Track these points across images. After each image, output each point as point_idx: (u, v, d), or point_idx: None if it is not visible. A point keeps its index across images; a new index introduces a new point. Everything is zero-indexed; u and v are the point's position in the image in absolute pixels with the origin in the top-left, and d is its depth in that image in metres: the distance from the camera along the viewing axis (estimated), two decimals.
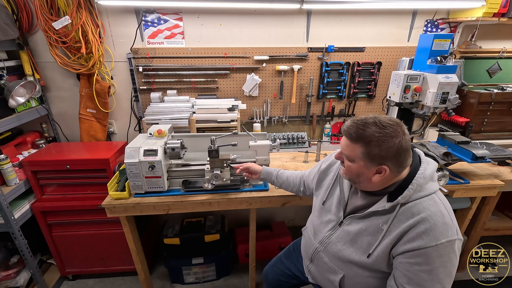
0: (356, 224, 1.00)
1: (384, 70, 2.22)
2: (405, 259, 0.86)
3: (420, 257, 0.83)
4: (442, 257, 0.82)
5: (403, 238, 0.86)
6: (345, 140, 0.92)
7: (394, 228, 0.88)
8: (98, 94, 1.99)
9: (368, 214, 0.96)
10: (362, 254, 0.96)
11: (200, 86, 2.13)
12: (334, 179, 1.14)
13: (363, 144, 0.87)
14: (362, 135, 0.86)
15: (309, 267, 1.21)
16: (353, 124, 0.89)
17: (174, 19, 1.95)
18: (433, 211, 0.85)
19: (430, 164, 0.95)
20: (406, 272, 0.87)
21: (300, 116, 2.33)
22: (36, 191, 1.81)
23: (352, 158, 0.91)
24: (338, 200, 1.09)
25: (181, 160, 1.59)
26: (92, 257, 2.00)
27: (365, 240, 0.96)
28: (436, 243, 0.82)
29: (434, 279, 0.83)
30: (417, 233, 0.84)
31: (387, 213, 0.91)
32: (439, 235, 0.82)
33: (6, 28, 1.65)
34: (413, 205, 0.87)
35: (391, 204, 0.89)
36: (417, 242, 0.83)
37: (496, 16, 1.91)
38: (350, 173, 0.95)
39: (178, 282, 2.10)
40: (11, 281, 1.87)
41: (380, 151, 0.85)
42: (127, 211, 1.51)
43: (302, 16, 2.03)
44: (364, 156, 0.88)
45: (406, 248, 0.85)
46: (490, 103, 2.08)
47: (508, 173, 1.78)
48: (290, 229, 2.36)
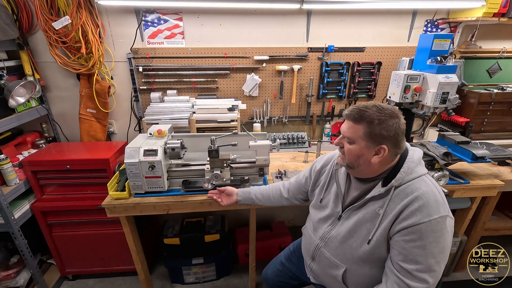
0: (355, 215, 1.04)
1: (384, 70, 2.22)
2: (400, 237, 0.91)
3: (415, 234, 0.88)
4: (435, 233, 0.87)
5: (398, 218, 0.92)
6: (347, 123, 0.97)
7: (390, 210, 0.94)
8: (98, 94, 1.99)
9: (365, 201, 1.01)
10: (362, 242, 1.00)
11: (200, 86, 2.13)
12: (330, 176, 1.18)
13: (365, 124, 0.92)
14: (365, 115, 0.92)
15: (311, 266, 1.22)
16: (355, 108, 0.96)
17: (174, 19, 1.95)
18: (425, 190, 0.91)
19: (416, 151, 1.02)
20: (401, 250, 0.91)
21: (300, 116, 2.33)
22: (36, 191, 1.81)
23: (354, 139, 0.95)
24: (335, 196, 1.13)
25: (181, 160, 1.59)
26: (92, 257, 2.00)
27: (364, 228, 1.00)
28: (429, 219, 0.87)
29: (428, 254, 0.87)
30: (411, 210, 0.89)
31: (382, 197, 0.97)
32: (431, 211, 0.88)
33: (6, 28, 1.65)
34: (406, 187, 0.93)
35: (386, 188, 0.95)
36: (411, 219, 0.88)
37: (496, 16, 1.91)
38: (350, 157, 0.98)
39: (178, 282, 2.10)
40: (11, 281, 1.87)
41: (381, 130, 0.91)
42: (127, 211, 1.51)
43: (302, 16, 2.04)
44: (366, 135, 0.93)
45: (401, 227, 0.90)
46: (490, 103, 2.07)
47: (508, 173, 1.78)
48: (290, 229, 2.36)
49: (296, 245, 1.47)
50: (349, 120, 0.96)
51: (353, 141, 0.96)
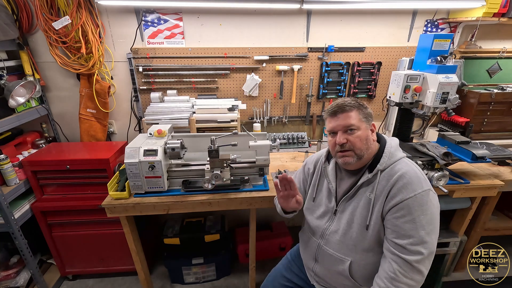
0: (349, 206, 1.09)
1: (384, 70, 2.22)
2: (391, 215, 0.98)
3: (403, 210, 0.95)
4: (421, 206, 0.94)
5: (387, 197, 0.99)
6: (346, 115, 1.04)
7: (380, 192, 1.01)
8: (98, 94, 1.99)
9: (356, 189, 1.07)
10: (361, 229, 1.04)
11: (200, 86, 2.13)
12: (319, 175, 1.21)
13: (357, 109, 1.05)
14: (351, 103, 1.05)
15: (315, 269, 1.20)
16: (339, 102, 1.06)
17: (174, 19, 1.95)
18: (407, 169, 1.00)
19: (393, 139, 1.12)
20: (393, 227, 0.97)
21: (300, 116, 2.33)
22: (36, 191, 1.81)
23: (358, 125, 1.03)
24: (328, 192, 1.17)
25: (181, 160, 1.59)
26: (92, 257, 2.00)
27: (360, 215, 1.05)
28: (414, 194, 0.95)
29: (417, 227, 0.94)
30: (397, 188, 0.97)
31: (370, 182, 1.05)
32: (415, 187, 0.96)
33: (6, 28, 1.65)
34: (390, 169, 1.02)
35: (373, 173, 1.03)
36: (398, 197, 0.96)
37: (496, 16, 1.91)
38: (360, 143, 1.03)
39: (178, 282, 2.10)
40: (11, 281, 1.87)
41: (367, 110, 1.07)
42: (127, 211, 1.51)
43: (302, 16, 2.03)
44: (363, 117, 1.05)
45: (391, 205, 0.98)
46: (490, 103, 2.07)
47: (508, 173, 1.78)
48: (290, 229, 2.37)
49: (294, 253, 1.44)
50: (344, 110, 1.04)
51: (358, 127, 1.03)
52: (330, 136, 1.10)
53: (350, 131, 1.03)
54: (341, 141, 1.03)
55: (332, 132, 1.07)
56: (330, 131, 1.08)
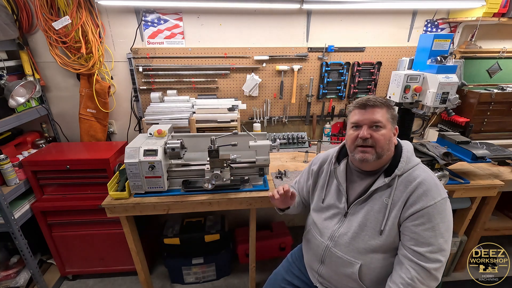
0: (361, 209, 1.06)
1: (384, 70, 2.22)
2: (410, 223, 0.96)
3: (423, 217, 0.94)
4: (440, 214, 0.95)
5: (406, 204, 0.97)
6: (373, 110, 1.01)
7: (397, 198, 0.99)
8: (98, 94, 1.99)
9: (370, 193, 1.04)
10: (374, 234, 1.02)
11: (200, 86, 2.13)
12: (328, 175, 1.19)
13: (387, 108, 1.03)
14: (382, 100, 1.03)
15: (320, 270, 1.18)
16: (370, 97, 1.04)
17: (174, 19, 1.95)
18: (425, 176, 0.99)
19: (407, 142, 1.10)
20: (412, 235, 0.96)
21: (300, 116, 2.33)
22: (36, 191, 1.81)
23: (384, 123, 1.01)
24: (337, 193, 1.14)
25: (181, 160, 1.59)
26: (92, 257, 2.00)
27: (374, 219, 1.03)
28: (434, 202, 0.94)
29: (437, 234, 0.94)
30: (417, 196, 0.96)
31: (387, 187, 1.02)
32: (435, 194, 0.95)
33: (6, 28, 1.65)
34: (408, 175, 1.01)
35: (391, 178, 1.01)
36: (419, 204, 0.95)
37: (496, 16, 1.91)
38: (383, 142, 1.00)
39: (178, 282, 2.10)
40: (11, 281, 1.87)
41: (395, 111, 1.05)
42: (127, 211, 1.51)
43: (302, 16, 2.03)
44: (390, 118, 1.03)
45: (410, 212, 0.96)
46: (490, 103, 2.07)
47: (508, 173, 1.78)
48: (290, 229, 2.37)
49: (295, 255, 1.42)
50: (375, 106, 1.01)
51: (384, 125, 1.01)
52: (352, 129, 1.05)
53: (375, 127, 1.00)
54: (366, 135, 1.00)
55: (356, 126, 1.04)
56: (354, 123, 1.04)
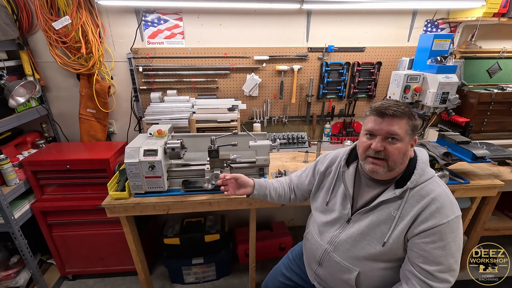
0: (366, 218, 1.02)
1: (384, 70, 2.22)
2: (420, 239, 0.91)
3: (435, 235, 0.89)
4: (453, 232, 0.90)
5: (417, 220, 0.92)
6: (393, 120, 0.91)
7: (407, 213, 0.93)
8: (98, 94, 1.99)
9: (377, 204, 0.99)
10: (376, 244, 0.98)
11: (200, 86, 2.13)
12: (336, 178, 1.14)
13: (408, 118, 0.93)
14: (405, 109, 0.92)
15: (318, 271, 1.17)
16: (389, 103, 0.93)
17: (174, 19, 1.95)
18: (439, 191, 0.92)
19: (422, 151, 1.03)
20: (421, 252, 0.91)
21: (300, 116, 2.33)
22: (36, 191, 1.81)
23: (402, 136, 0.92)
24: (343, 198, 1.10)
25: (181, 160, 1.59)
26: (92, 257, 2.00)
27: (378, 230, 0.98)
28: (448, 220, 0.89)
29: (447, 254, 0.89)
30: (430, 212, 0.90)
31: (397, 199, 0.96)
32: (448, 212, 0.90)
33: (6, 28, 1.65)
34: (421, 188, 0.94)
35: (402, 190, 0.94)
36: (431, 222, 0.89)
37: (496, 16, 1.91)
38: (397, 156, 0.92)
39: (178, 282, 2.10)
40: (11, 281, 1.87)
41: (416, 121, 0.95)
42: (127, 211, 1.51)
43: (302, 16, 2.03)
44: (410, 129, 0.93)
45: (421, 229, 0.91)
46: (490, 103, 2.07)
47: (508, 173, 1.78)
48: (290, 229, 2.37)
49: (295, 252, 1.42)
50: (395, 117, 0.91)
51: (401, 139, 0.92)
52: (365, 137, 0.97)
53: (391, 139, 0.92)
54: (378, 148, 0.92)
55: (370, 134, 0.96)
56: (369, 131, 0.96)
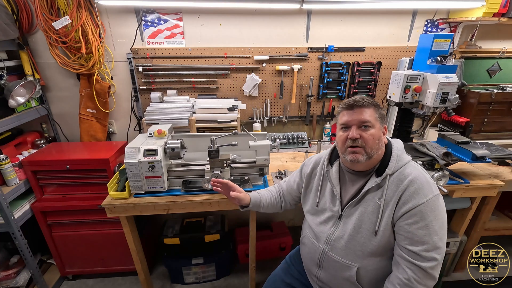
0: (355, 211, 1.05)
1: (384, 70, 2.22)
2: (403, 221, 0.96)
3: (416, 216, 0.94)
4: (433, 211, 0.94)
5: (398, 203, 0.97)
6: (361, 110, 1.01)
7: (389, 198, 0.99)
8: (98, 94, 1.99)
9: (363, 194, 1.04)
10: (370, 235, 1.01)
11: (200, 86, 2.13)
12: (322, 178, 1.18)
13: (374, 107, 1.03)
14: (369, 100, 1.03)
15: (318, 274, 1.17)
16: (356, 97, 1.04)
17: (174, 19, 1.95)
18: (416, 173, 0.99)
19: (397, 141, 1.11)
20: (406, 234, 0.95)
21: (300, 116, 2.33)
22: (36, 191, 1.81)
23: (373, 122, 1.01)
24: (331, 196, 1.14)
25: (181, 160, 1.59)
26: (92, 257, 2.00)
27: (368, 221, 1.02)
28: (426, 199, 0.94)
29: (431, 232, 0.93)
30: (409, 194, 0.96)
31: (379, 187, 1.02)
32: (427, 192, 0.95)
33: (6, 28, 1.65)
34: (399, 173, 1.00)
35: (382, 177, 1.01)
36: (411, 203, 0.95)
37: (496, 16, 1.91)
38: (373, 142, 1.00)
39: (178, 282, 2.10)
40: (11, 281, 1.87)
41: (382, 110, 1.05)
42: (127, 211, 1.51)
43: (302, 16, 2.04)
44: (378, 116, 1.03)
45: (403, 211, 0.96)
46: (490, 103, 2.07)
47: (508, 173, 1.78)
48: (290, 229, 2.37)
49: (294, 257, 1.41)
50: (363, 106, 1.01)
51: (373, 125, 1.01)
52: (341, 131, 1.05)
53: (364, 127, 1.00)
54: (355, 135, 0.99)
55: (345, 127, 1.04)
56: (343, 124, 1.04)
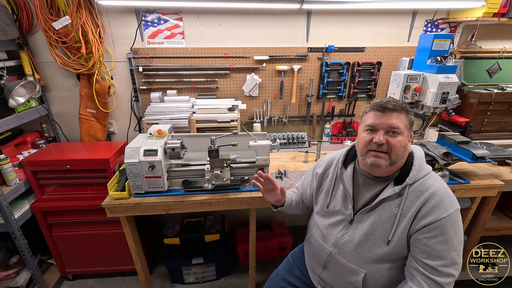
0: (368, 217, 1.02)
1: (384, 70, 2.22)
2: (422, 235, 0.92)
3: (436, 230, 0.90)
4: (453, 226, 0.91)
5: (417, 216, 0.93)
6: (393, 114, 0.95)
7: (407, 209, 0.95)
8: (98, 94, 1.99)
9: (378, 202, 1.00)
10: (381, 243, 0.99)
11: (200, 86, 2.13)
12: (334, 180, 1.15)
13: (406, 113, 0.97)
14: (402, 105, 0.97)
15: (322, 275, 1.16)
16: (388, 99, 0.97)
17: (174, 19, 1.95)
18: (438, 186, 0.95)
19: (418, 148, 1.06)
20: (424, 247, 0.92)
21: (300, 116, 2.33)
22: (36, 191, 1.81)
23: (402, 129, 0.95)
24: (343, 199, 1.10)
25: (181, 160, 1.59)
26: (92, 257, 2.00)
27: (382, 229, 0.99)
28: (447, 214, 0.90)
29: (450, 248, 0.90)
30: (429, 207, 0.92)
31: (397, 196, 0.97)
32: (448, 206, 0.91)
33: (6, 28, 1.65)
34: (420, 184, 0.96)
35: (401, 187, 0.96)
36: (431, 216, 0.91)
37: (496, 16, 1.91)
38: (399, 149, 0.95)
39: (178, 282, 2.10)
40: (11, 281, 1.87)
41: (413, 117, 1.00)
42: (127, 211, 1.51)
43: (302, 16, 2.03)
44: (408, 123, 0.97)
45: (422, 224, 0.92)
46: (490, 103, 2.07)
47: (508, 173, 1.78)
48: (290, 229, 2.37)
49: (296, 256, 1.41)
50: (395, 111, 0.95)
51: (401, 132, 0.95)
52: (366, 132, 0.99)
53: (392, 133, 0.95)
54: (382, 140, 0.94)
55: (371, 129, 0.98)
56: (370, 126, 0.97)
